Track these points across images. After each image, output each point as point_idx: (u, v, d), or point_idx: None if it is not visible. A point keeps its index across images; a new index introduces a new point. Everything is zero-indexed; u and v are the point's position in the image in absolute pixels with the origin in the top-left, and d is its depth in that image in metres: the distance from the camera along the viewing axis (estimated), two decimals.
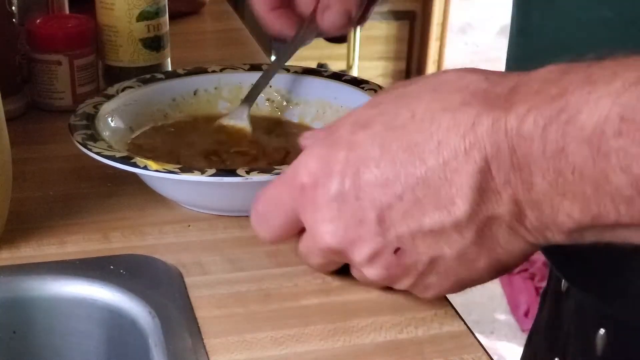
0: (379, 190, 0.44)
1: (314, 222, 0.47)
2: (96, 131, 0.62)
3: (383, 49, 2.82)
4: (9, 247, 0.57)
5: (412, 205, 0.44)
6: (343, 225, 0.46)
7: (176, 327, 0.49)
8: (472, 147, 0.41)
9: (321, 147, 0.46)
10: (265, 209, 0.50)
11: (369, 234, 0.45)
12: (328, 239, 0.47)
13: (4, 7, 0.74)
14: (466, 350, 0.48)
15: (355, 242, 0.46)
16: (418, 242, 0.45)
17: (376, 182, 0.44)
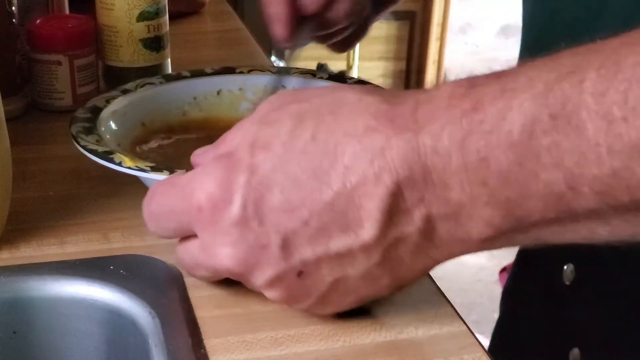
0: (284, 215, 0.43)
1: (212, 244, 0.46)
2: (95, 125, 0.61)
3: (383, 49, 2.82)
4: (9, 247, 0.57)
5: (318, 230, 0.43)
6: (244, 250, 0.45)
7: (176, 327, 0.49)
8: (381, 171, 0.42)
9: (219, 169, 0.45)
10: (158, 211, 0.49)
11: (271, 258, 0.45)
12: (226, 262, 0.46)
13: (4, 7, 0.74)
14: (466, 350, 0.48)
15: (256, 267, 0.45)
16: (322, 265, 0.45)
17: (280, 207, 0.43)
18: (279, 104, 0.46)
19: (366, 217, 0.42)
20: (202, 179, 0.46)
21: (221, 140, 0.48)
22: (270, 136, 0.44)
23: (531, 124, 0.39)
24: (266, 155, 0.44)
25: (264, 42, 1.01)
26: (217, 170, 0.45)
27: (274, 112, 0.46)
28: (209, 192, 0.45)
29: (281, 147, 0.44)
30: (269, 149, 0.44)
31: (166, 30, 0.82)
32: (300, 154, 0.43)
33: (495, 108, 0.40)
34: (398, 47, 2.83)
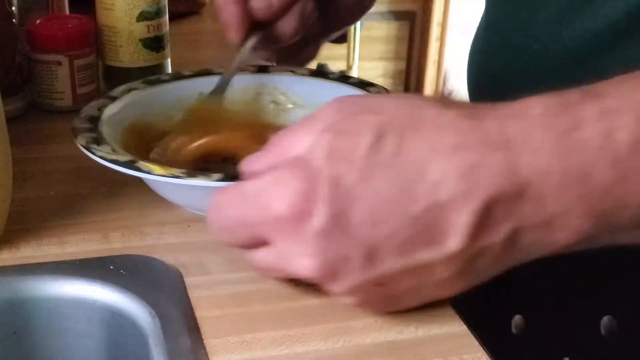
0: (369, 229, 0.43)
1: (291, 254, 0.46)
2: (100, 134, 0.61)
3: (383, 49, 2.82)
4: (9, 247, 0.57)
5: (402, 243, 0.43)
6: (326, 261, 0.45)
7: (176, 327, 0.49)
8: (472, 189, 0.42)
9: (296, 179, 0.44)
10: (229, 223, 0.48)
11: (353, 269, 0.45)
12: (307, 271, 0.46)
13: (4, 7, 0.74)
14: (466, 350, 0.48)
15: (336, 276, 0.45)
16: (403, 276, 0.45)
17: (365, 221, 0.43)
18: (347, 113, 0.46)
19: (453, 232, 0.43)
20: (278, 189, 0.45)
21: (277, 147, 0.48)
22: (349, 148, 0.44)
23: (635, 143, 0.41)
24: (348, 168, 0.43)
25: None
26: (295, 181, 0.44)
27: (345, 121, 0.45)
28: (289, 202, 0.44)
29: (363, 161, 0.43)
30: (350, 161, 0.43)
31: (166, 30, 0.82)
32: (384, 168, 0.43)
33: (599, 128, 0.42)
34: (398, 47, 2.83)
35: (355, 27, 2.65)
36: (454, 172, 0.42)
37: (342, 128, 0.45)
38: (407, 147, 0.43)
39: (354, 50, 2.70)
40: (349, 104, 0.47)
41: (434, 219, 0.43)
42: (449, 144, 0.43)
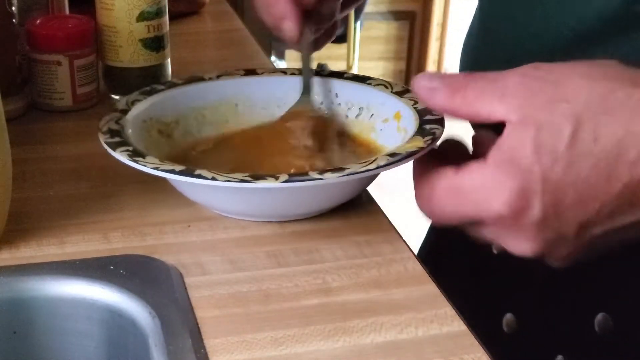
0: (578, 209, 0.48)
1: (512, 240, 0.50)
2: (133, 146, 0.59)
3: (383, 49, 2.82)
4: (9, 247, 0.57)
5: (607, 214, 0.48)
6: (543, 242, 0.49)
7: (176, 327, 0.49)
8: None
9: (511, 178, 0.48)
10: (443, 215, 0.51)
11: (567, 244, 0.50)
12: (528, 252, 0.50)
13: (4, 7, 0.74)
14: (466, 351, 0.48)
15: (552, 251, 0.50)
16: (607, 236, 0.49)
17: (575, 205, 0.48)
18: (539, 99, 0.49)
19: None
20: (496, 189, 0.48)
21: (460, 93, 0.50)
22: (552, 142, 0.48)
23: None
24: (555, 161, 0.47)
25: (263, 42, 1.01)
26: (509, 180, 0.48)
27: (541, 112, 0.48)
28: (509, 202, 0.48)
29: (567, 152, 0.47)
30: (555, 154, 0.47)
31: (166, 30, 0.82)
32: (586, 155, 0.47)
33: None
34: (398, 47, 2.84)
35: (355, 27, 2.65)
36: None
37: (542, 120, 0.48)
38: (603, 134, 0.47)
39: (354, 50, 2.70)
40: (539, 82, 0.49)
41: (633, 192, 0.47)
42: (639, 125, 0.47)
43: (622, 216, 0.48)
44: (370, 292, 0.53)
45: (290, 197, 0.58)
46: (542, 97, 0.49)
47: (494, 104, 0.49)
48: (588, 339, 0.62)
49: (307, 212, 0.61)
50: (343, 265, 0.56)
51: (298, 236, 0.59)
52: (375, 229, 0.60)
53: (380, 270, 0.55)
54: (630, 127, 0.47)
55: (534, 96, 0.49)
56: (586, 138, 0.47)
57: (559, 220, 0.48)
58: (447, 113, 0.52)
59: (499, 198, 0.48)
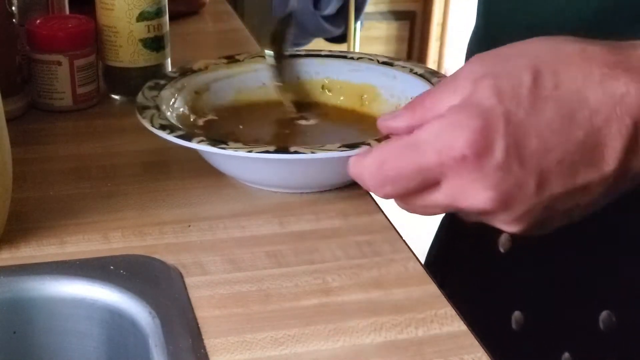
0: (541, 157, 0.47)
1: (469, 189, 0.48)
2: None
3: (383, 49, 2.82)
4: (9, 247, 0.57)
5: (569, 168, 0.47)
6: (505, 191, 0.48)
7: (176, 327, 0.49)
8: (623, 115, 0.46)
9: (472, 118, 0.47)
10: (397, 173, 0.50)
11: (525, 197, 0.48)
12: (484, 203, 0.48)
13: (4, 7, 0.74)
14: (466, 351, 0.48)
15: (511, 205, 0.48)
16: (566, 197, 0.48)
17: (538, 150, 0.47)
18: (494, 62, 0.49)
19: (609, 154, 0.47)
20: (456, 131, 0.47)
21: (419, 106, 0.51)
22: (513, 87, 0.47)
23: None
24: (517, 104, 0.47)
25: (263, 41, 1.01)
26: (472, 120, 0.47)
27: (497, 67, 0.48)
28: (472, 141, 0.47)
29: (530, 96, 0.47)
30: (517, 98, 0.47)
31: (166, 30, 0.82)
32: (548, 100, 0.47)
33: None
34: (398, 47, 2.83)
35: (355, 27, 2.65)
36: (607, 100, 0.46)
37: (499, 72, 0.48)
38: (564, 80, 0.47)
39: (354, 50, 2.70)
40: (490, 56, 0.50)
41: (594, 143, 0.47)
42: (598, 75, 0.47)
43: (582, 174, 0.47)
44: (370, 292, 0.53)
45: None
46: (492, 61, 0.49)
47: (450, 98, 0.49)
48: (593, 336, 0.62)
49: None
50: (343, 265, 0.56)
51: (298, 236, 0.59)
52: (375, 229, 0.60)
53: (380, 270, 0.55)
54: (587, 75, 0.47)
55: (483, 65, 0.49)
56: (547, 85, 0.47)
57: (521, 165, 0.47)
58: (414, 128, 0.51)
59: (461, 137, 0.47)
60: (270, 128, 0.73)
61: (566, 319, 0.65)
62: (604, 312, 0.62)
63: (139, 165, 0.69)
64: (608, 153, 0.47)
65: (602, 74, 0.47)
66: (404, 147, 0.49)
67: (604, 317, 0.62)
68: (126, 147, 0.71)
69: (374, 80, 0.74)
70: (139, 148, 0.71)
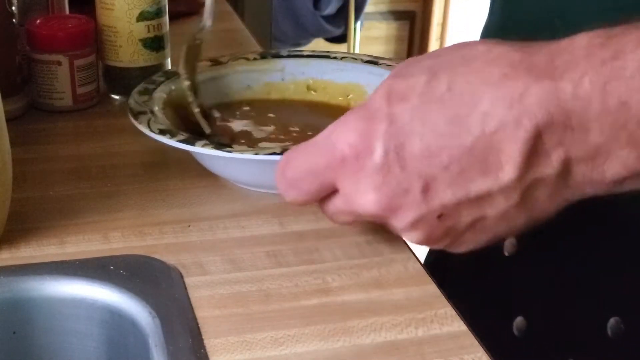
0: (425, 161, 0.45)
1: (356, 191, 0.48)
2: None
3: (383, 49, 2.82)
4: (9, 247, 0.57)
5: (458, 175, 0.45)
6: (387, 194, 0.47)
7: (176, 327, 0.49)
8: (521, 116, 0.43)
9: (358, 119, 0.47)
10: (297, 176, 0.50)
11: (413, 202, 0.46)
12: (371, 206, 0.47)
13: (4, 7, 0.74)
14: (466, 351, 0.48)
15: (398, 210, 0.47)
16: (462, 208, 0.46)
17: (421, 154, 0.45)
18: (410, 62, 0.48)
19: (506, 160, 0.44)
20: (340, 132, 0.47)
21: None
22: (405, 88, 0.46)
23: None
24: (404, 106, 0.46)
25: (264, 42, 1.01)
26: (355, 122, 0.47)
27: (406, 67, 0.47)
28: (350, 142, 0.46)
29: (418, 98, 0.45)
30: (406, 99, 0.46)
31: (166, 30, 0.82)
32: (437, 103, 0.45)
33: (637, 56, 0.42)
34: (398, 47, 2.83)
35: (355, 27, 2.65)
36: (502, 101, 0.44)
37: (400, 72, 0.47)
38: (458, 82, 0.45)
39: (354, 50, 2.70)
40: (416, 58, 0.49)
41: (487, 148, 0.44)
42: (498, 75, 0.44)
43: (475, 182, 0.45)
44: (370, 292, 0.53)
45: None
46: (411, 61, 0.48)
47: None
48: (600, 342, 0.61)
49: None
50: (343, 265, 0.56)
51: (298, 236, 0.59)
52: (375, 229, 0.60)
53: (380, 270, 0.55)
54: (485, 77, 0.45)
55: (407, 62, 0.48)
56: (439, 86, 0.45)
57: (402, 169, 0.46)
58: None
59: (343, 140, 0.47)
60: None
61: (571, 325, 0.64)
62: (612, 319, 0.60)
63: (139, 165, 0.69)
64: (505, 159, 0.44)
65: (501, 75, 0.44)
66: (302, 147, 0.50)
67: (612, 324, 0.61)
68: (126, 147, 0.71)
69: (359, 79, 0.74)
70: (139, 148, 0.71)
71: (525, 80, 0.44)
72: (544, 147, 0.44)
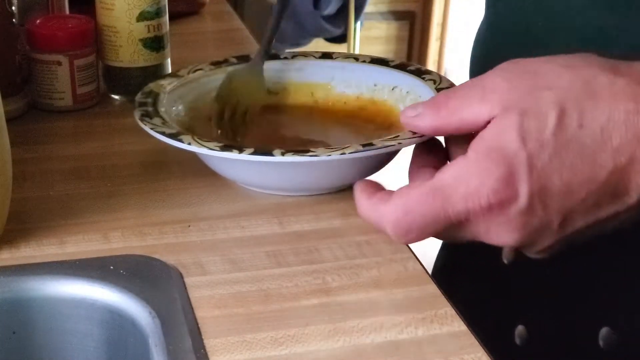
0: (564, 198, 0.48)
1: (496, 232, 0.49)
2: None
3: (383, 49, 2.81)
4: (9, 247, 0.57)
5: (592, 205, 0.48)
6: (529, 232, 0.49)
7: (176, 327, 0.49)
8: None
9: (497, 166, 0.47)
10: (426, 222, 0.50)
11: (550, 234, 0.49)
12: (511, 243, 0.50)
13: (4, 7, 0.74)
14: (466, 350, 0.48)
15: (535, 242, 0.50)
16: (589, 229, 0.49)
17: (561, 192, 0.48)
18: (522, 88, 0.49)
19: (633, 188, 0.48)
20: (481, 178, 0.48)
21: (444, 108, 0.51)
22: (537, 128, 0.47)
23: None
24: (540, 147, 0.47)
25: None
26: (496, 167, 0.47)
27: (525, 99, 0.48)
28: (496, 189, 0.47)
29: (552, 138, 0.47)
30: (541, 141, 0.47)
31: (166, 30, 0.82)
32: (571, 142, 0.47)
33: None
34: (398, 47, 2.83)
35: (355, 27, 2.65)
36: (630, 137, 0.47)
37: (525, 108, 0.48)
38: (588, 120, 0.47)
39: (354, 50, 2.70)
40: (518, 73, 0.50)
41: (617, 180, 0.47)
42: (623, 111, 0.47)
43: (606, 208, 0.48)
44: (370, 292, 0.53)
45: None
46: (523, 87, 0.49)
47: (476, 106, 0.49)
48: (593, 352, 0.62)
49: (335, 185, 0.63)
50: (343, 265, 0.56)
51: (298, 236, 0.59)
52: (375, 229, 0.60)
53: (380, 270, 0.55)
54: (613, 113, 0.47)
55: (514, 88, 0.49)
56: (571, 124, 0.47)
57: (544, 208, 0.48)
58: (438, 131, 0.52)
59: (487, 185, 0.47)
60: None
61: (567, 334, 0.65)
62: (604, 329, 0.62)
63: (139, 165, 0.69)
64: (632, 187, 0.48)
65: (627, 111, 0.47)
66: (429, 193, 0.49)
67: (604, 333, 0.62)
68: (126, 147, 0.71)
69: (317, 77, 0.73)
70: (139, 148, 0.71)
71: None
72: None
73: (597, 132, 0.47)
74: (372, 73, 0.71)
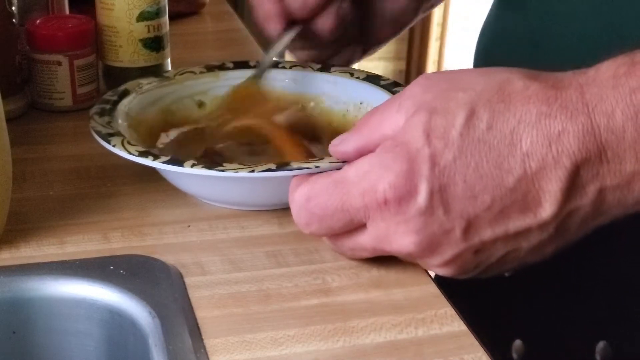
0: (468, 202, 0.46)
1: (394, 233, 0.48)
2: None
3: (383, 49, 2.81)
4: (9, 247, 0.57)
5: (499, 213, 0.46)
6: (428, 236, 0.47)
7: (176, 327, 0.49)
8: (560, 155, 0.44)
9: (398, 161, 0.46)
10: (324, 212, 0.49)
11: (453, 242, 0.47)
12: (409, 248, 0.48)
13: (4, 7, 0.74)
14: (466, 351, 0.48)
15: (437, 249, 0.48)
16: (498, 243, 0.47)
17: (464, 195, 0.46)
18: (437, 90, 0.47)
19: (545, 198, 0.45)
20: (381, 173, 0.47)
21: (366, 126, 0.50)
22: (445, 126, 0.46)
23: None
24: (445, 146, 0.46)
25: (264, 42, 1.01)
26: (397, 163, 0.46)
27: (437, 99, 0.47)
28: (394, 184, 0.46)
29: (459, 138, 0.45)
30: (446, 139, 0.46)
31: (166, 30, 0.82)
32: (478, 143, 0.45)
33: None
34: (398, 47, 2.83)
35: None
36: (542, 141, 0.45)
37: (436, 107, 0.46)
38: (497, 121, 0.45)
39: None
40: (435, 80, 0.48)
41: (527, 188, 0.45)
42: (535, 114, 0.45)
43: (515, 219, 0.46)
44: (370, 292, 0.53)
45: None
46: (436, 90, 0.47)
47: (394, 116, 0.48)
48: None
49: None
50: (343, 266, 0.56)
51: (298, 236, 0.59)
52: None
53: (380, 270, 0.55)
54: (524, 115, 0.45)
55: (428, 91, 0.48)
56: (480, 125, 0.45)
57: (446, 211, 0.46)
58: (363, 150, 0.50)
59: (384, 181, 0.46)
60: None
61: (564, 348, 0.64)
62: (601, 343, 0.61)
63: (139, 166, 0.68)
64: (545, 198, 0.45)
65: (539, 113, 0.45)
66: (331, 184, 0.49)
67: (600, 347, 0.61)
68: None
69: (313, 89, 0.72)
70: None
71: (561, 119, 0.44)
72: (581, 182, 0.45)
73: (507, 135, 0.45)
74: (361, 91, 0.70)
